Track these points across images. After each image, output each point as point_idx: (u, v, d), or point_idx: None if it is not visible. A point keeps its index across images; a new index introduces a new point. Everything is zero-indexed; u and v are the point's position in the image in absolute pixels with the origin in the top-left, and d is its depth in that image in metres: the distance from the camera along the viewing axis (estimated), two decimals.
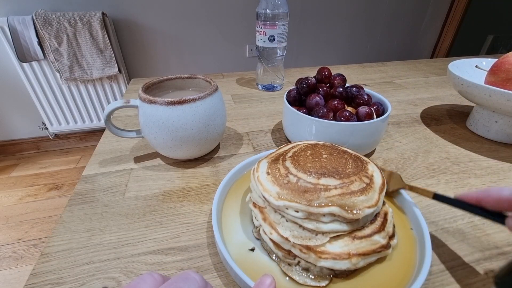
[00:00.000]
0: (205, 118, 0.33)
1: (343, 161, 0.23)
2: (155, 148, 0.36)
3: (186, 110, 0.31)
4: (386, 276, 0.21)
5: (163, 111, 0.31)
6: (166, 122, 0.31)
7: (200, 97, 0.32)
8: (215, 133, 0.35)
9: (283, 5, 0.53)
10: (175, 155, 0.36)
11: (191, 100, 0.31)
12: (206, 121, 0.33)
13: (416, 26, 1.99)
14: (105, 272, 0.23)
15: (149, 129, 0.33)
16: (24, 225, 1.20)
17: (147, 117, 0.32)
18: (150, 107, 0.31)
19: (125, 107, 0.34)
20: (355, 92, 0.39)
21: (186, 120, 0.32)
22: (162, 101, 0.31)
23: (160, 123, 0.31)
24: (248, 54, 1.74)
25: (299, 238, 0.20)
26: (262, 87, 0.63)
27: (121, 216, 0.29)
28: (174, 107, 0.31)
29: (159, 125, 0.32)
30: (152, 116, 0.31)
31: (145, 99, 0.32)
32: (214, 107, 0.34)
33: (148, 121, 0.32)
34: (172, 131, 0.32)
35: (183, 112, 0.31)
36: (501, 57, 0.40)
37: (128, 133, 0.37)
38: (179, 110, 0.31)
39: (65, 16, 1.26)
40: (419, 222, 0.24)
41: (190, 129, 0.32)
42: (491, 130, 0.42)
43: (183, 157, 0.36)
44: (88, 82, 1.47)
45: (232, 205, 0.28)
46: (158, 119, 0.31)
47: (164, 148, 0.34)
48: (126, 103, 0.33)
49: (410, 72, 0.75)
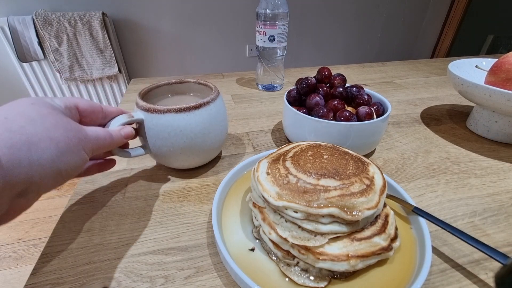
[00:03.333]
0: (219, 119, 0.32)
1: (344, 162, 0.23)
2: (166, 162, 0.33)
3: (203, 114, 0.30)
4: (385, 277, 0.21)
5: (180, 119, 0.29)
6: (184, 130, 0.29)
7: (212, 99, 0.31)
8: (224, 132, 0.35)
9: (283, 5, 0.53)
10: (190, 164, 0.34)
11: (206, 103, 0.30)
12: (220, 121, 0.33)
13: (416, 26, 1.99)
14: (105, 272, 0.23)
15: (163, 141, 0.30)
16: (24, 225, 1.20)
17: (159, 128, 0.29)
18: (163, 117, 0.29)
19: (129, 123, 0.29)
20: (355, 92, 0.39)
21: (204, 125, 0.30)
22: (178, 108, 0.29)
23: (178, 132, 0.29)
24: (248, 54, 1.74)
25: (298, 239, 0.20)
26: (262, 87, 0.63)
27: (121, 216, 0.29)
28: (191, 112, 0.29)
29: (176, 134, 0.29)
30: (167, 126, 0.29)
31: (154, 109, 0.29)
32: (222, 107, 0.33)
33: (162, 133, 0.29)
34: (192, 138, 0.30)
35: (200, 117, 0.30)
36: (501, 57, 0.40)
37: (135, 151, 0.31)
38: (196, 115, 0.29)
39: (65, 16, 1.26)
40: (419, 222, 0.24)
41: (208, 133, 0.31)
42: (491, 130, 0.42)
43: (198, 163, 0.35)
44: (88, 82, 1.47)
45: (232, 205, 0.28)
46: (175, 128, 0.29)
47: (179, 160, 0.32)
48: (130, 118, 0.28)
49: (410, 72, 0.75)
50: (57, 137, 0.18)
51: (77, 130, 0.20)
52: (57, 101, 0.21)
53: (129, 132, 0.27)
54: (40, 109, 0.19)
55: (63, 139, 0.19)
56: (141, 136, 0.31)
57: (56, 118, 0.19)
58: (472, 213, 0.29)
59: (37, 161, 0.17)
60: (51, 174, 0.18)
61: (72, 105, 0.23)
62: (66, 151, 0.19)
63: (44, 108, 0.19)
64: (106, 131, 0.24)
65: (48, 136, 0.18)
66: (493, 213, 0.29)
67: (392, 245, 0.21)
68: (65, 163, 0.19)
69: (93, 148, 0.22)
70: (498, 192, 0.32)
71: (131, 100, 0.58)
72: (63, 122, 0.20)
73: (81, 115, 0.24)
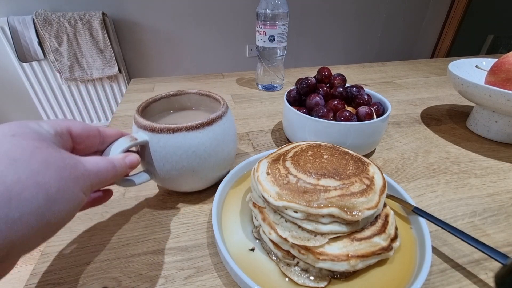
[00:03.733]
0: (231, 133, 0.29)
1: (344, 162, 0.23)
2: (174, 187, 0.29)
3: (216, 130, 0.27)
4: (386, 276, 0.21)
5: (193, 138, 0.25)
6: (197, 150, 0.26)
7: (223, 112, 0.28)
8: (236, 146, 0.32)
9: (283, 5, 0.53)
10: (201, 186, 0.30)
11: (218, 117, 0.27)
12: (232, 136, 0.30)
13: (416, 26, 1.99)
14: (105, 272, 0.23)
15: (173, 165, 0.26)
16: None
17: (168, 150, 0.25)
18: (173, 137, 0.25)
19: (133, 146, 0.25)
20: (355, 92, 0.39)
21: (217, 142, 0.27)
22: (190, 126, 0.25)
23: (190, 153, 0.26)
24: (248, 54, 1.74)
25: (298, 239, 0.20)
26: (262, 87, 0.63)
27: (121, 216, 0.29)
28: (204, 129, 0.26)
29: (189, 155, 0.26)
30: (178, 147, 0.25)
31: (161, 129, 0.25)
32: (232, 120, 0.30)
33: (172, 155, 0.26)
34: (205, 158, 0.27)
35: (213, 133, 0.27)
36: (501, 57, 0.40)
37: (140, 177, 0.27)
38: (210, 132, 0.26)
39: (65, 16, 1.26)
40: (419, 222, 0.24)
41: (221, 150, 0.28)
42: (491, 130, 0.42)
43: (209, 184, 0.31)
44: (88, 82, 1.47)
45: (232, 205, 0.28)
46: (187, 149, 0.26)
47: (190, 183, 0.29)
48: (133, 141, 0.24)
49: (410, 72, 0.75)
50: (47, 181, 0.14)
51: (73, 166, 0.16)
52: (45, 126, 0.17)
53: (135, 160, 0.23)
54: (24, 143, 0.14)
55: (55, 182, 0.14)
56: (145, 160, 0.27)
57: (46, 154, 0.15)
58: (472, 213, 0.29)
59: (19, 219, 0.13)
60: (38, 231, 0.14)
61: (63, 130, 0.18)
62: (59, 197, 0.15)
63: (29, 140, 0.15)
64: (108, 162, 0.20)
65: (36, 182, 0.14)
66: (493, 213, 0.29)
67: (392, 245, 0.21)
68: (56, 213, 0.15)
69: (93, 185, 0.18)
70: (498, 192, 0.32)
71: (131, 100, 0.58)
72: (54, 159, 0.15)
73: (74, 141, 0.20)
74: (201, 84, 0.66)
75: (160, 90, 0.62)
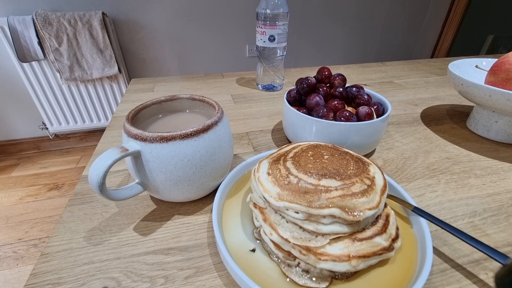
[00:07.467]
0: (227, 139, 0.28)
1: (345, 163, 0.23)
2: (168, 197, 0.28)
3: (211, 136, 0.26)
4: (387, 277, 0.21)
5: (187, 146, 0.24)
6: (192, 159, 0.25)
7: (219, 118, 0.27)
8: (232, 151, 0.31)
9: (283, 5, 0.53)
10: (197, 196, 0.29)
11: (214, 123, 0.26)
12: (228, 141, 0.28)
13: (416, 26, 1.99)
14: (105, 272, 0.23)
15: (167, 175, 0.25)
16: (24, 225, 1.20)
17: (162, 160, 0.24)
18: (167, 147, 0.24)
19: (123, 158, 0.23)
20: (355, 92, 0.39)
21: (214, 149, 0.26)
22: (184, 134, 0.24)
23: (185, 162, 0.25)
24: (248, 54, 1.74)
25: (299, 239, 0.20)
26: (262, 87, 0.63)
27: (121, 216, 0.29)
28: (199, 137, 0.25)
29: (184, 164, 0.25)
30: (172, 157, 0.24)
31: (154, 138, 0.23)
32: (228, 125, 0.29)
33: (166, 165, 0.24)
34: (201, 167, 0.26)
35: (209, 141, 0.25)
36: (501, 57, 0.40)
37: (132, 190, 0.26)
38: (205, 140, 0.25)
39: (65, 16, 1.26)
40: (420, 222, 0.24)
41: (218, 158, 0.27)
42: (491, 130, 0.42)
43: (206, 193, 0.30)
44: (88, 82, 1.47)
45: (232, 205, 0.28)
46: (181, 158, 0.24)
47: (186, 193, 0.27)
48: (123, 153, 0.23)
49: (410, 72, 0.75)
50: None
51: None
52: None
53: None
54: None
55: None
56: (137, 171, 0.26)
57: None
58: (472, 213, 0.29)
59: None
60: None
61: None
62: None
63: None
64: None
65: None
66: (493, 213, 0.29)
67: (394, 245, 0.21)
68: None
69: None
70: (498, 192, 0.32)
71: (131, 100, 0.58)
72: None
73: None
74: (201, 84, 0.66)
75: (160, 90, 0.62)
